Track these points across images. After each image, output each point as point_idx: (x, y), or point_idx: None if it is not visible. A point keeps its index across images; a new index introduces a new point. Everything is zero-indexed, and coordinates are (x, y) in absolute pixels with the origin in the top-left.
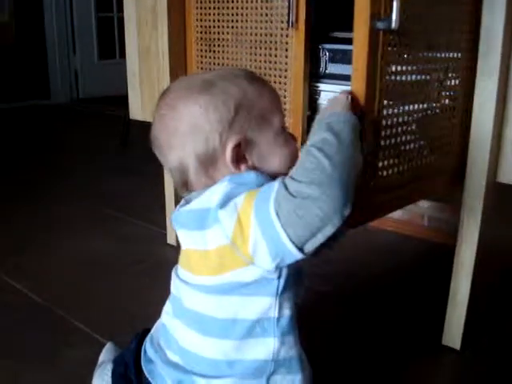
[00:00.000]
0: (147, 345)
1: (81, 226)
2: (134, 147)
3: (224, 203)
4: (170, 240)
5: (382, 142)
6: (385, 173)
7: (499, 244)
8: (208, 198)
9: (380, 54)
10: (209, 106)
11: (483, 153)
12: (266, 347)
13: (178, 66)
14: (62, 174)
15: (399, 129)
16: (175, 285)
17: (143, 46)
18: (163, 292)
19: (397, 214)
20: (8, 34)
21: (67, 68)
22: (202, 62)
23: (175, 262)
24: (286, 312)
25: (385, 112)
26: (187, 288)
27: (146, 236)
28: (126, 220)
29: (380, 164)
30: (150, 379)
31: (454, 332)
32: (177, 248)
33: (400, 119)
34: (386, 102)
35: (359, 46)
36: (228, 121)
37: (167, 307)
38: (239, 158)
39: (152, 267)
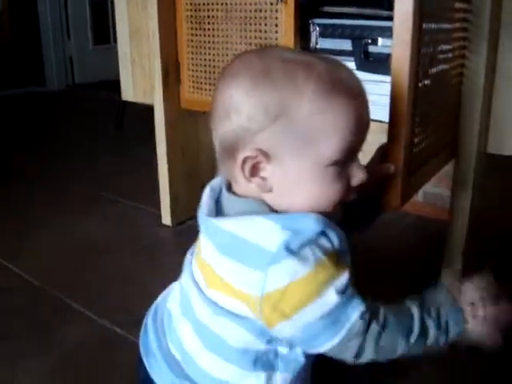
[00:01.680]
0: (149, 321)
1: (77, 208)
2: (129, 129)
3: (279, 258)
4: (165, 221)
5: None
6: (417, 149)
7: (491, 213)
8: (260, 234)
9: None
10: (251, 99)
11: (473, 125)
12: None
13: (169, 46)
14: (59, 157)
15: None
16: (187, 280)
17: (134, 27)
18: (157, 272)
19: None
20: (3, 23)
21: (62, 54)
22: (192, 41)
23: (169, 242)
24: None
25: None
26: (199, 296)
27: (140, 217)
28: (121, 202)
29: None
30: (150, 374)
31: None
32: (171, 228)
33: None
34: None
35: (403, 17)
36: (258, 128)
37: (176, 296)
38: (253, 173)
39: (147, 248)
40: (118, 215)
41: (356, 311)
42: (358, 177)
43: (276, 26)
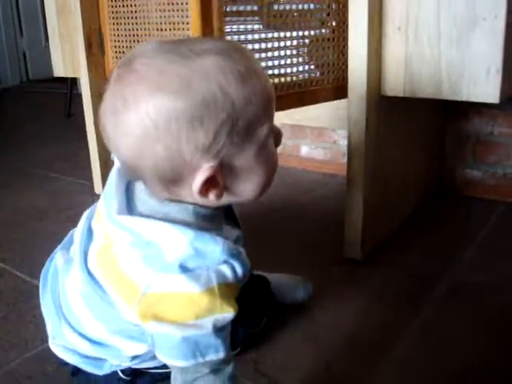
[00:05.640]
0: (58, 253)
1: (16, 185)
2: (76, 118)
3: (170, 270)
4: (97, 190)
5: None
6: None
7: (388, 157)
8: (165, 238)
9: None
10: (181, 120)
11: (361, 68)
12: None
13: (91, 18)
14: (7, 145)
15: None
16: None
17: (59, 2)
18: None
19: (319, 155)
20: None
21: (15, 50)
22: (113, 12)
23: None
24: None
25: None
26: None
27: (75, 189)
28: (60, 178)
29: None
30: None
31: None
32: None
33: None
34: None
35: None
36: (203, 146)
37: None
38: (210, 186)
39: (76, 214)
40: (56, 189)
41: (214, 355)
42: (279, 134)
43: None
